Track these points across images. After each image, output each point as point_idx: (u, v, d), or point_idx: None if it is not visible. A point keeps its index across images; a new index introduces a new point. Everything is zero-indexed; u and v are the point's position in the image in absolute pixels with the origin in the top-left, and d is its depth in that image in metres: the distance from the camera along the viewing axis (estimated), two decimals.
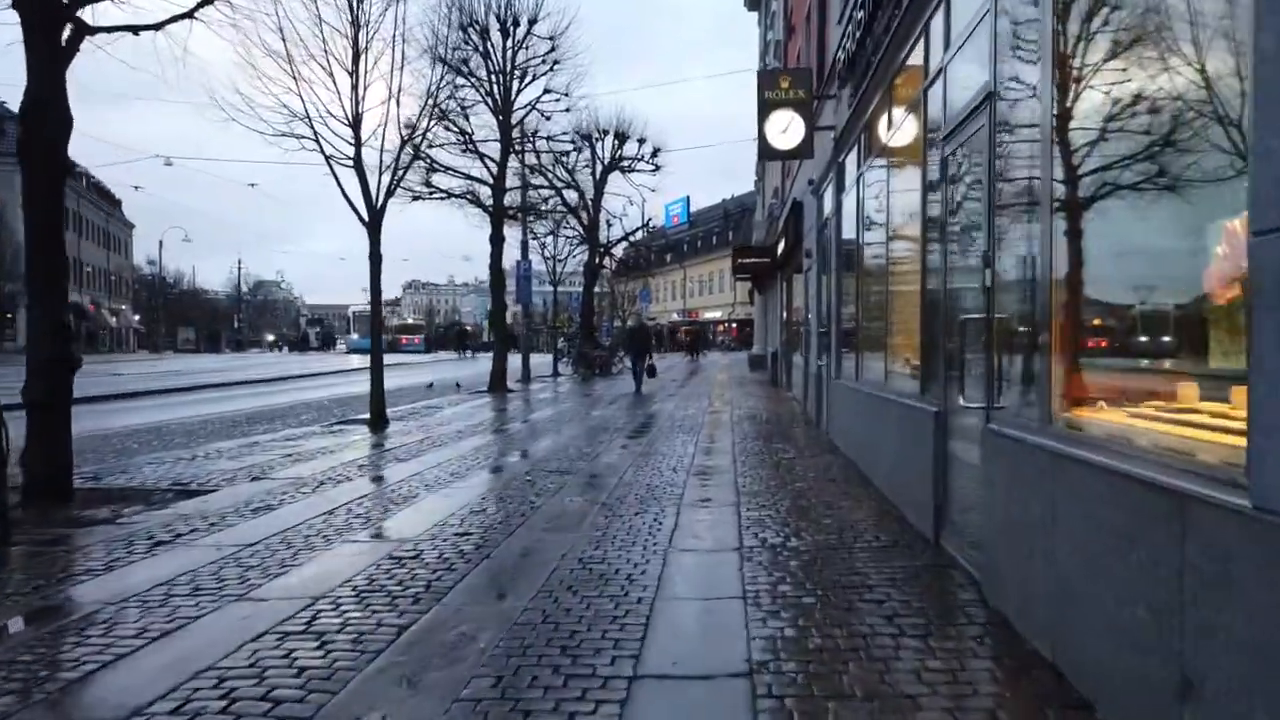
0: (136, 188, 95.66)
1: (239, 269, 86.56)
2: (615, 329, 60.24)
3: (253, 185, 47.90)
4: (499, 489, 7.40)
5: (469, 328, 78.61)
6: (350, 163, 13.94)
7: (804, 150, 9.80)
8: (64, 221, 7.10)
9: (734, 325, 69.32)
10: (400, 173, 14.27)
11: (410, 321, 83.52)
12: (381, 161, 14.09)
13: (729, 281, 69.08)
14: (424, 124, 14.12)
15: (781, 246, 17.41)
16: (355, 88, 13.67)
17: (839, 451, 9.09)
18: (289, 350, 73.67)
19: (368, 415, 13.64)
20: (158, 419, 14.04)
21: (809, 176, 11.97)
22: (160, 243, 64.23)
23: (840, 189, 9.58)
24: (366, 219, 14.10)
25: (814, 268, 12.12)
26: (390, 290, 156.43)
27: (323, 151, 13.76)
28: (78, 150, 62.75)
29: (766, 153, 9.87)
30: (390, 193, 14.28)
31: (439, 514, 6.26)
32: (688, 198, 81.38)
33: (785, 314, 19.37)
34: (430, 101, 14.17)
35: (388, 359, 57.52)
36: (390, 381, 27.97)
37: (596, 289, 70.55)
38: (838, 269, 9.62)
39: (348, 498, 6.95)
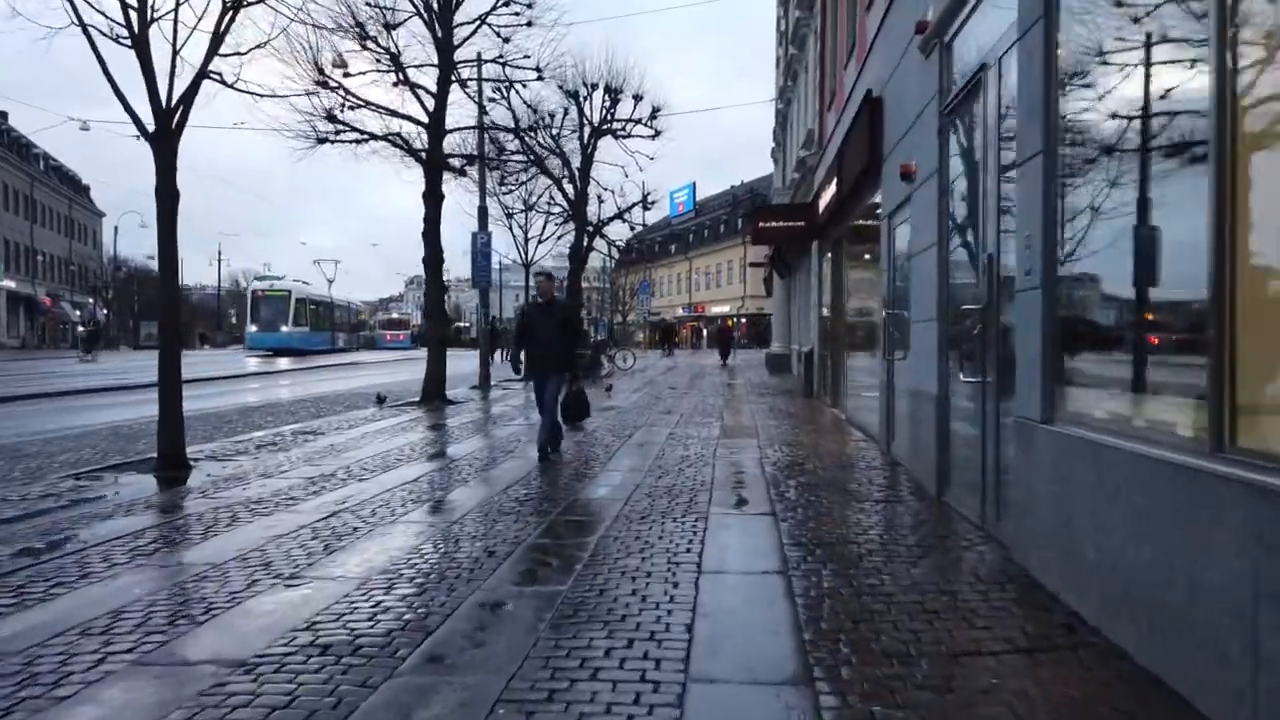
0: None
1: (219, 262, 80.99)
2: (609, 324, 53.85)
3: (139, 139, 39.94)
4: None
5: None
6: (126, 37, 8.34)
7: None
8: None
9: (744, 320, 63.52)
10: (214, 52, 8.61)
11: (395, 316, 77.93)
12: (176, 33, 8.45)
13: (739, 273, 63.22)
14: None
15: (830, 193, 11.63)
16: None
17: (1106, 642, 3.37)
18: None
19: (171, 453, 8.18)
20: None
21: (916, 19, 6.23)
22: (115, 228, 58.53)
23: None
24: (152, 128, 8.49)
25: (923, 189, 6.38)
26: (394, 286, 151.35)
27: (79, 20, 8.18)
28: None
29: None
30: (195, 86, 8.63)
31: None
32: (694, 184, 75.36)
33: (829, 298, 13.61)
34: None
35: (369, 356, 50.84)
36: (341, 385, 21.47)
37: (600, 284, 65.09)
38: (1047, 152, 3.88)
39: None
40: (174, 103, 8.49)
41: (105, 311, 69.97)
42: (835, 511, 5.72)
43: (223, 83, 9.32)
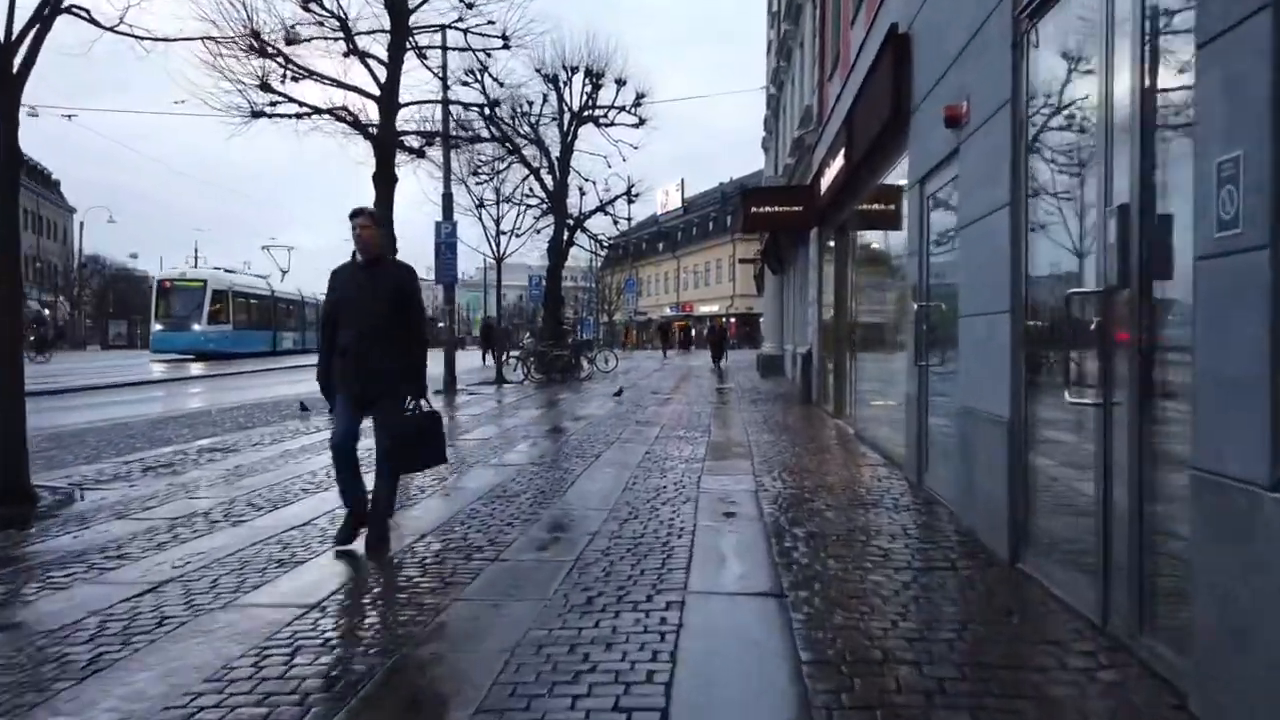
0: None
1: (195, 259, 78.50)
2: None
3: (70, 117, 33.61)
4: None
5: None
6: None
7: None
8: None
9: (733, 320, 61.84)
10: None
11: None
12: None
13: (728, 271, 61.46)
14: None
15: (836, 167, 9.87)
16: None
17: None
18: None
19: None
20: None
21: None
22: (81, 224, 56.04)
23: None
24: None
25: (982, 132, 4.63)
26: None
27: None
28: None
29: None
30: (44, 19, 6.81)
31: None
32: (682, 180, 73.77)
33: (831, 293, 11.87)
34: None
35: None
36: (300, 389, 19.26)
37: (588, 285, 63.05)
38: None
39: None
40: (13, 38, 6.69)
41: (71, 310, 67.49)
42: (867, 590, 3.95)
43: (92, 21, 7.53)
